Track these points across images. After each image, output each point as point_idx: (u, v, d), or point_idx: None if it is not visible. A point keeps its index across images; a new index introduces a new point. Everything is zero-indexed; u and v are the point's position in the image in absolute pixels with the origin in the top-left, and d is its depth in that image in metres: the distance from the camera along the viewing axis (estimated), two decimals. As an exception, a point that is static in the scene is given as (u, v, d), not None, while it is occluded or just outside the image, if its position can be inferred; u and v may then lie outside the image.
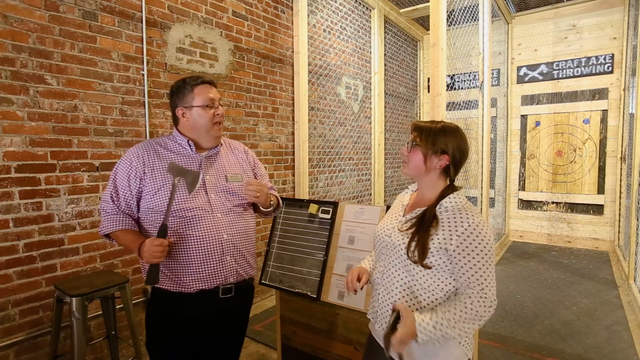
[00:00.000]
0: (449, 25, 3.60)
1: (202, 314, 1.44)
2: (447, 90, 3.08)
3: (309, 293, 1.94)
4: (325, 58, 4.14)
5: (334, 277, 1.91)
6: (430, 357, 1.13)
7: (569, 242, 5.27)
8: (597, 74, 4.97)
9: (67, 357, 2.09)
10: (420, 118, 6.34)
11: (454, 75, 4.34)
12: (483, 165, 4.10)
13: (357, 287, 1.27)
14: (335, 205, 2.03)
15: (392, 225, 1.24)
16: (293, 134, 3.82)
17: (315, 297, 1.91)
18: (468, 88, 4.63)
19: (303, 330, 2.08)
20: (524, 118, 5.48)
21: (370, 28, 4.84)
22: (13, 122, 2.01)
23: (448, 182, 1.21)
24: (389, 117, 5.42)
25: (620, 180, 4.76)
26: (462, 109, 4.24)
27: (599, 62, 4.95)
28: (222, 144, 1.59)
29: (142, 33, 2.54)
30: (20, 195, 2.04)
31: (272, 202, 1.59)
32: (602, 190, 5.01)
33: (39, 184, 2.11)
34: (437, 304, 1.11)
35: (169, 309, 1.43)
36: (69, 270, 2.23)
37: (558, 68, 5.20)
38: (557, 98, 5.23)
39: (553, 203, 5.35)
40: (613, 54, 4.85)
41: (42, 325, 2.13)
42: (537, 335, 2.80)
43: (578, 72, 5.08)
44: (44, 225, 2.14)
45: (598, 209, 5.05)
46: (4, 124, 1.98)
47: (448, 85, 3.81)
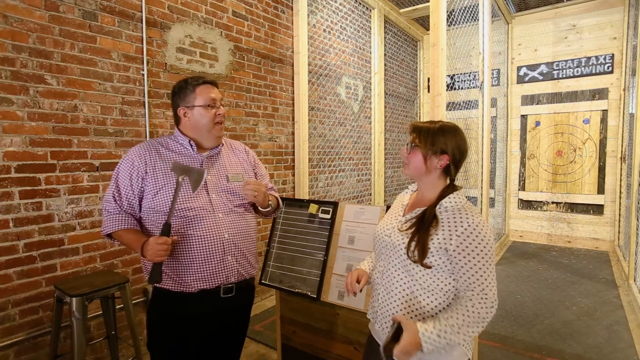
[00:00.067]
0: (449, 25, 3.60)
1: (203, 314, 1.44)
2: (447, 90, 3.08)
3: (309, 293, 1.94)
4: (325, 58, 4.14)
5: (334, 277, 1.91)
6: (430, 357, 1.12)
7: (569, 242, 5.27)
8: (597, 74, 4.97)
9: (67, 357, 2.09)
10: (421, 118, 6.33)
11: (454, 75, 4.34)
12: (483, 165, 4.10)
13: (356, 289, 1.27)
14: (335, 205, 2.03)
15: (391, 225, 1.24)
16: (293, 134, 3.82)
17: (315, 297, 1.91)
18: (468, 88, 4.63)
19: (303, 330, 2.08)
20: (524, 118, 5.48)
21: (370, 28, 4.84)
22: (13, 122, 2.01)
23: (448, 181, 1.21)
24: (389, 117, 5.42)
25: (620, 180, 4.76)
26: (462, 109, 4.24)
27: (599, 62, 4.95)
28: (223, 144, 1.59)
29: (142, 33, 2.54)
30: (20, 195, 2.04)
31: (270, 202, 1.59)
32: (602, 190, 5.01)
33: (39, 184, 2.11)
34: (436, 304, 1.11)
35: (171, 309, 1.43)
36: (69, 270, 2.24)
37: (558, 68, 5.20)
38: (557, 98, 5.23)
39: (553, 203, 5.35)
40: (613, 54, 4.85)
41: (42, 325, 2.13)
42: (537, 335, 2.80)
43: (578, 72, 5.08)
44: (44, 225, 2.14)
45: (598, 209, 5.05)
46: (4, 124, 1.98)
47: (448, 85, 3.81)
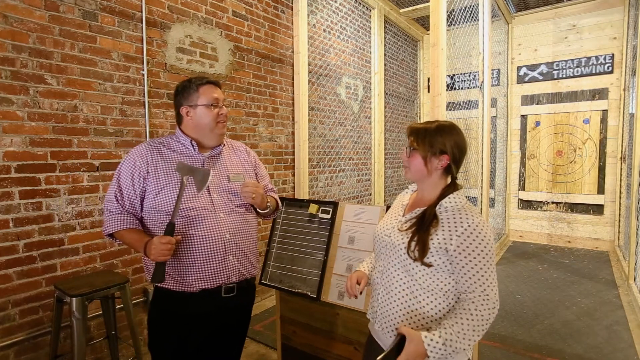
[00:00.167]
0: (449, 25, 3.60)
1: (204, 313, 1.44)
2: (447, 90, 3.08)
3: (309, 293, 1.94)
4: (325, 58, 4.14)
5: (334, 277, 1.91)
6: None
7: (569, 242, 5.27)
8: (597, 74, 4.97)
9: (67, 357, 2.09)
10: (421, 118, 6.34)
11: (454, 75, 4.34)
12: (483, 165, 4.10)
13: (357, 292, 1.28)
14: (335, 205, 2.03)
15: (391, 225, 1.24)
16: (293, 134, 3.82)
17: (315, 297, 1.91)
18: (468, 88, 4.63)
19: (303, 330, 2.08)
20: (524, 118, 5.48)
21: (370, 28, 4.84)
22: (13, 122, 2.01)
23: (449, 179, 1.21)
24: (389, 117, 5.42)
25: (620, 180, 4.76)
26: (462, 109, 4.24)
27: (599, 62, 4.95)
28: (224, 144, 1.59)
29: (142, 33, 2.54)
30: (20, 195, 2.04)
31: (269, 203, 1.59)
32: (602, 190, 5.01)
33: (39, 184, 2.11)
34: (436, 304, 1.11)
35: (172, 309, 1.43)
36: (69, 270, 2.24)
37: (558, 68, 5.20)
38: (557, 98, 5.23)
39: (553, 203, 5.35)
40: (613, 54, 4.85)
41: (42, 325, 2.13)
42: (537, 335, 2.80)
43: (578, 72, 5.08)
44: (44, 225, 2.14)
45: (598, 209, 5.05)
46: (4, 124, 1.98)
47: (448, 85, 3.82)
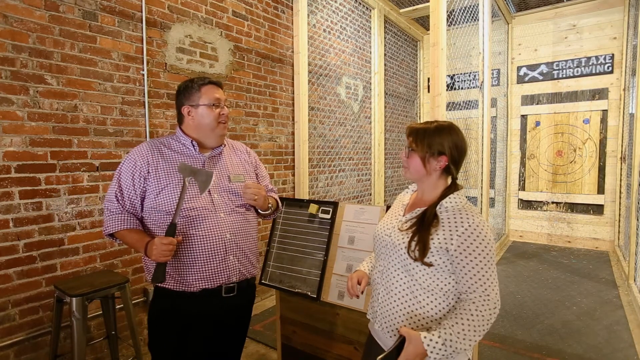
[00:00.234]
0: (449, 25, 3.60)
1: (204, 313, 1.44)
2: (447, 90, 3.08)
3: (309, 293, 1.94)
4: (325, 58, 4.14)
5: (334, 277, 1.91)
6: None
7: (569, 242, 5.27)
8: (597, 74, 4.97)
9: (67, 357, 2.09)
10: (421, 118, 6.34)
11: (454, 75, 4.35)
12: (483, 165, 4.10)
13: (358, 292, 1.29)
14: (335, 205, 2.03)
15: (392, 225, 1.24)
16: (293, 134, 3.82)
17: (315, 297, 1.91)
18: (468, 88, 4.63)
19: (303, 330, 2.08)
20: (524, 118, 5.48)
21: (370, 28, 4.84)
22: (13, 122, 2.01)
23: (450, 180, 1.21)
24: (389, 117, 5.42)
25: (620, 180, 4.76)
26: (462, 109, 4.24)
27: (599, 62, 4.95)
28: (225, 145, 1.60)
29: (142, 33, 2.54)
30: (20, 195, 2.04)
31: (270, 205, 1.60)
32: (602, 190, 5.01)
33: (39, 184, 2.11)
34: (436, 304, 1.11)
35: (172, 308, 1.43)
36: (69, 270, 2.24)
37: (558, 68, 5.20)
38: (557, 98, 5.23)
39: (553, 203, 5.35)
40: (613, 54, 4.85)
41: (42, 325, 2.13)
42: (537, 335, 2.80)
43: (578, 72, 5.08)
44: (44, 225, 2.14)
45: (598, 209, 5.05)
46: (4, 124, 1.98)
47: (448, 85, 3.82)
